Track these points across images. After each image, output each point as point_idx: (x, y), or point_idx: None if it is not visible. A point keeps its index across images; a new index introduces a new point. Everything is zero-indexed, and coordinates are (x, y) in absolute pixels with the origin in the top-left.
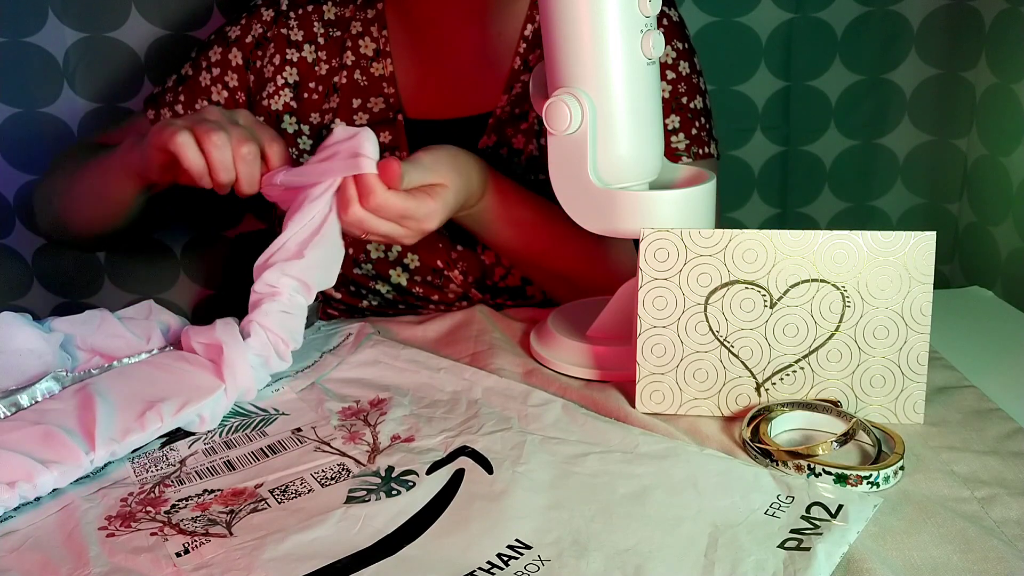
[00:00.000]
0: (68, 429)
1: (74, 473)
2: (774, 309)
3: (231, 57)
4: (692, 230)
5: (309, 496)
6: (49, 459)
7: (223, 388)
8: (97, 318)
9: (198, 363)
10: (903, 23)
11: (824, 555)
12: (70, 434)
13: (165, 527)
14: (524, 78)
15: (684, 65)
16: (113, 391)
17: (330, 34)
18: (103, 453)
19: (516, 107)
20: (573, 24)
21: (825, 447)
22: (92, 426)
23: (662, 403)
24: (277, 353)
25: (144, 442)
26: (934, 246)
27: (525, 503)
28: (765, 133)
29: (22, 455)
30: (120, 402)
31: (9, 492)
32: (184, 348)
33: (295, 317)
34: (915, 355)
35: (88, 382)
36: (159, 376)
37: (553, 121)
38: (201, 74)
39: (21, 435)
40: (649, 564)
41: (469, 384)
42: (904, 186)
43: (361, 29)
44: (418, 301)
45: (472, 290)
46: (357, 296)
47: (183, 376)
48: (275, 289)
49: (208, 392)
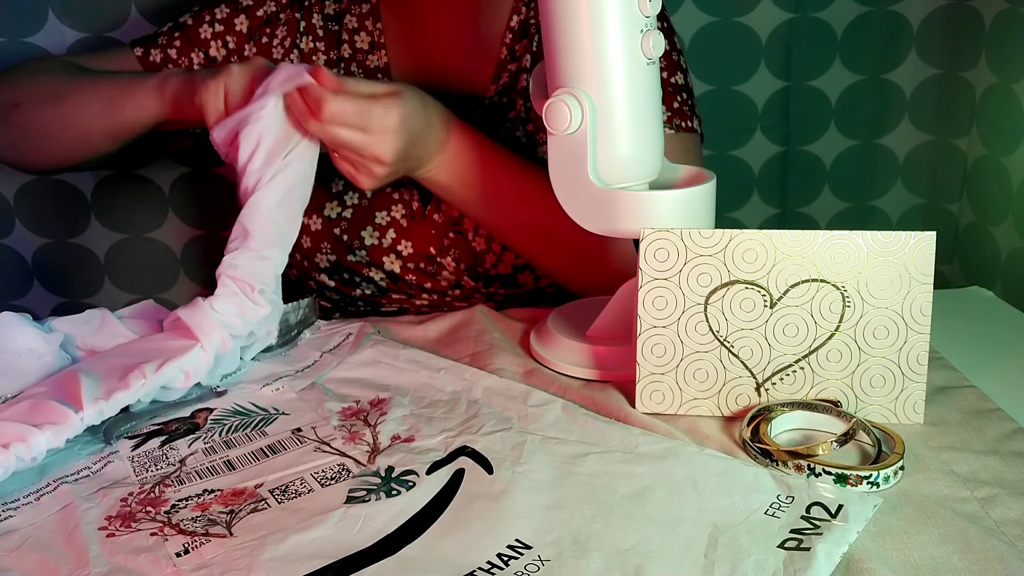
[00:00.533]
0: (55, 399)
1: (66, 432)
2: (774, 309)
3: (237, 22)
4: (692, 230)
5: (309, 496)
6: (41, 422)
7: (199, 345)
8: (97, 318)
9: (170, 336)
10: (903, 23)
11: (824, 555)
12: (57, 401)
13: (165, 527)
14: (511, 67)
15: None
16: (94, 367)
17: (329, 27)
18: (91, 412)
19: (503, 96)
20: (573, 24)
21: (825, 447)
22: (77, 391)
23: (662, 403)
24: (247, 297)
25: (131, 400)
26: (934, 246)
27: (525, 503)
28: (765, 133)
29: (13, 423)
30: (102, 372)
31: (4, 454)
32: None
33: (267, 263)
34: (915, 355)
35: (67, 367)
36: (135, 348)
37: (553, 121)
38: (203, 26)
39: (9, 412)
40: (649, 564)
41: (469, 384)
42: (904, 186)
43: (357, 24)
44: (411, 289)
45: (464, 277)
46: (350, 284)
47: (159, 343)
48: (239, 244)
49: (185, 351)
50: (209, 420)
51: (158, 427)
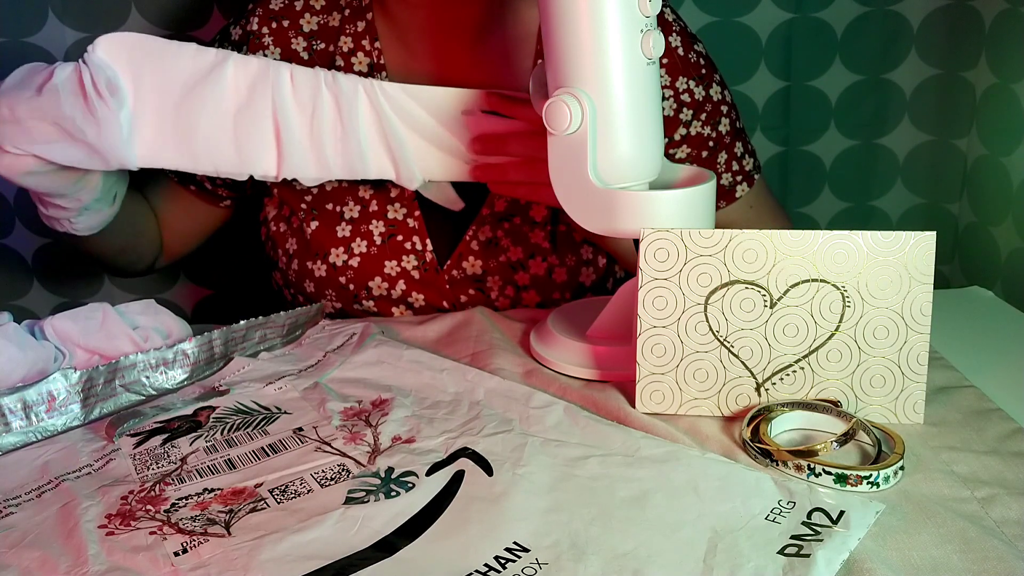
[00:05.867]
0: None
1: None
2: (774, 309)
3: None
4: (692, 230)
5: (308, 496)
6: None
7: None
8: (99, 312)
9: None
10: (903, 23)
11: (824, 562)
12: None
13: (164, 526)
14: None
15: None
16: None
17: (314, 47)
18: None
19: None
20: (573, 24)
21: (825, 447)
22: None
23: (662, 403)
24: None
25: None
26: (934, 246)
27: (524, 505)
28: (765, 133)
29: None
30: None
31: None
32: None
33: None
34: (915, 355)
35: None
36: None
37: (553, 121)
38: None
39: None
40: (647, 568)
41: (471, 385)
42: (904, 186)
43: (353, 45)
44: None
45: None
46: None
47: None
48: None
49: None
50: (211, 418)
51: (160, 425)
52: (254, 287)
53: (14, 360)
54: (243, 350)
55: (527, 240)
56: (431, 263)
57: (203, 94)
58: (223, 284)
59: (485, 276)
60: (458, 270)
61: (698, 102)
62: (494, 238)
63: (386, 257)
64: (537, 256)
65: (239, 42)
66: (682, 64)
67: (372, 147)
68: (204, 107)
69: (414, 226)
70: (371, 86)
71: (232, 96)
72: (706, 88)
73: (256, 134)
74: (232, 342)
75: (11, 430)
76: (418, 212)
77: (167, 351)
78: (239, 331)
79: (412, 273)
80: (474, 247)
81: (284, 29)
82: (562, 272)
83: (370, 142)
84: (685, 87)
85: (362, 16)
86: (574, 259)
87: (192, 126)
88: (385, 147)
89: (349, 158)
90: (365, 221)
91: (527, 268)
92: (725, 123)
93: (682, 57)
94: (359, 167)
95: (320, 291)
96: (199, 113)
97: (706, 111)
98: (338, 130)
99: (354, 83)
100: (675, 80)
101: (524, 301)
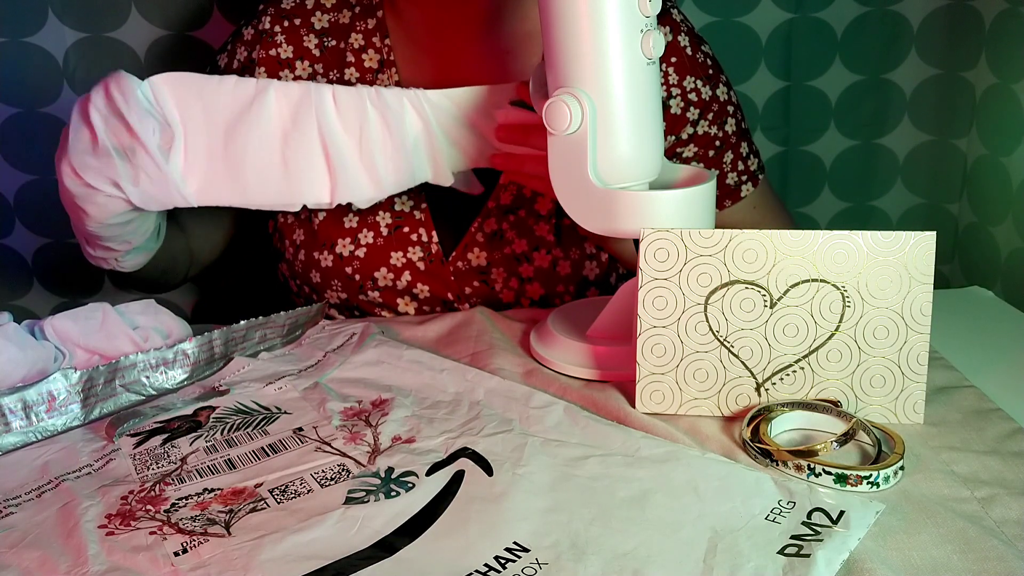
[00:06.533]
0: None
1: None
2: (774, 309)
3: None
4: (692, 230)
5: (308, 496)
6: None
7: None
8: (99, 312)
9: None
10: (903, 23)
11: (824, 562)
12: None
13: (164, 526)
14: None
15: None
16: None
17: (325, 44)
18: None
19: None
20: (573, 24)
21: (825, 447)
22: None
23: (662, 403)
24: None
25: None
26: (934, 246)
27: (524, 505)
28: (765, 133)
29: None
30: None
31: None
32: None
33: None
34: (915, 355)
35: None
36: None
37: (553, 121)
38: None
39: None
40: (647, 568)
41: (472, 385)
42: (904, 186)
43: (363, 42)
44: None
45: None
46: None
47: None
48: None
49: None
50: (211, 418)
51: (160, 425)
52: (254, 287)
53: (14, 360)
54: (243, 350)
55: (532, 233)
56: (437, 255)
57: (248, 126)
58: (223, 284)
59: (490, 268)
60: (463, 262)
61: (705, 102)
62: (499, 230)
63: (392, 248)
64: (542, 249)
65: (252, 42)
66: (690, 64)
67: (420, 157)
68: (250, 140)
69: (421, 218)
70: (415, 96)
71: (277, 124)
72: (713, 88)
73: (305, 160)
74: (232, 342)
75: (11, 430)
76: (425, 204)
77: (167, 351)
78: (239, 331)
79: (418, 264)
80: (479, 239)
81: (296, 27)
82: (566, 265)
83: (418, 152)
84: (693, 86)
85: (372, 14)
86: (578, 252)
87: (240, 160)
88: (429, 154)
89: (400, 173)
90: (372, 212)
91: (531, 261)
92: (731, 123)
93: (690, 57)
94: (407, 179)
95: (326, 281)
96: (245, 146)
97: (713, 111)
98: (388, 147)
99: (398, 96)
100: (683, 79)
101: (528, 293)
